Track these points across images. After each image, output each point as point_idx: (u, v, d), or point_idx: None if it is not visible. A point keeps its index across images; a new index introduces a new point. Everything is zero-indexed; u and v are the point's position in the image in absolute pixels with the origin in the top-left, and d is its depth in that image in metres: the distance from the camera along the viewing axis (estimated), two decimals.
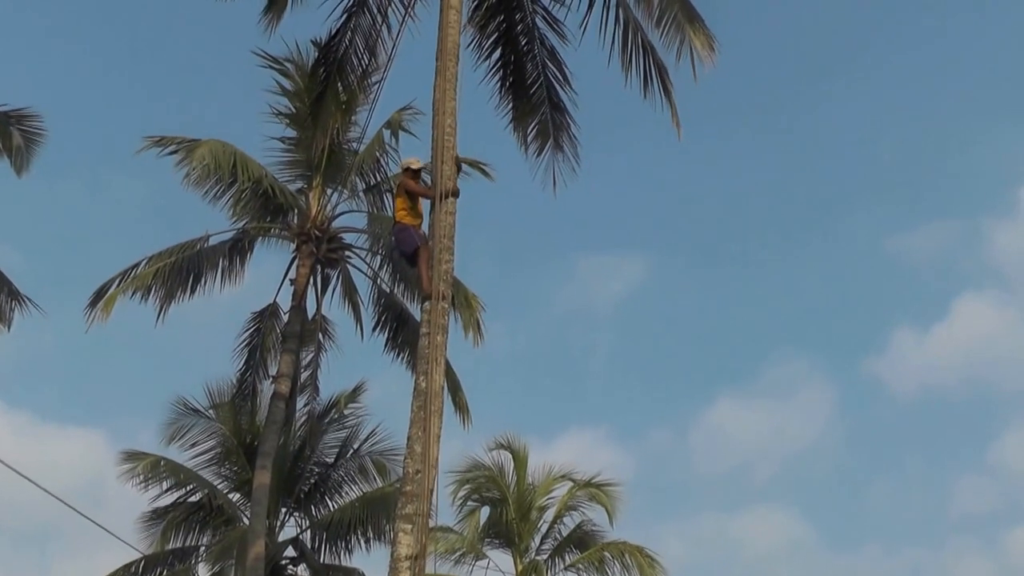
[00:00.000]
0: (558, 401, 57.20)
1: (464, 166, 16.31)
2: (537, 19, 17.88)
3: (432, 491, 12.19)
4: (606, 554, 29.28)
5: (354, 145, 24.77)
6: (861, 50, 63.04)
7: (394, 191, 17.51)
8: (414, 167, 14.75)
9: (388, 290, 24.72)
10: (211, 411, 26.36)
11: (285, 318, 24.12)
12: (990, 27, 60.10)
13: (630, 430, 61.74)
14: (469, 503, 30.32)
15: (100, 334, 22.70)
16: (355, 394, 27.09)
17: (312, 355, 25.12)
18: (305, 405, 25.52)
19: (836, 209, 62.03)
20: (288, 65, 24.81)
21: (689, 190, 62.58)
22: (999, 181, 61.74)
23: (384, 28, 17.61)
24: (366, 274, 24.92)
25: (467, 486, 30.15)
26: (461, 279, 23.21)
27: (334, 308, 25.32)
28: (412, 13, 17.45)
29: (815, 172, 62.93)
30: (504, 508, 29.83)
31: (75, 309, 22.78)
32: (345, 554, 25.79)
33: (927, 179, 61.24)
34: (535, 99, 17.99)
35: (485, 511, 30.44)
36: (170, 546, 25.50)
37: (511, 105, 18.13)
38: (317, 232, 24.03)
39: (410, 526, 11.93)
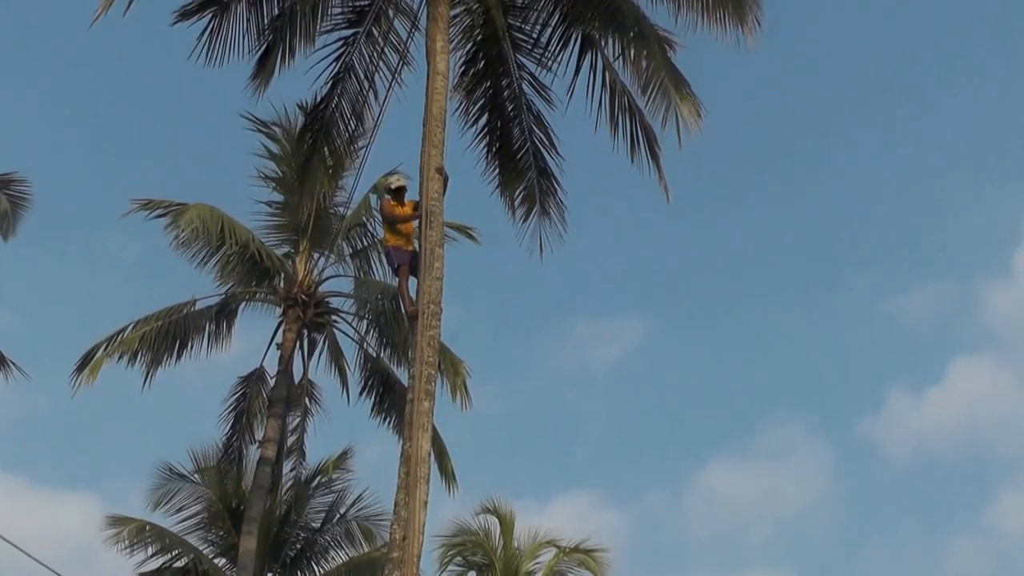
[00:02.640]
0: (553, 464, 56.82)
1: (450, 231, 16.39)
2: (524, 85, 17.80)
3: (418, 557, 12.14)
4: None
5: (341, 209, 24.91)
6: (854, 112, 63.27)
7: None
8: (392, 186, 14.82)
9: (375, 354, 24.70)
10: (197, 476, 26.19)
11: (272, 382, 24.10)
12: (985, 89, 60.55)
13: (625, 492, 61.20)
14: (455, 567, 30.10)
15: (93, 396, 22.58)
16: (342, 459, 26.92)
17: (299, 420, 25.12)
18: (291, 470, 25.46)
19: (831, 271, 62.00)
20: (276, 129, 24.99)
21: (685, 252, 62.61)
22: (994, 243, 61.79)
23: (371, 93, 17.60)
24: (352, 339, 24.97)
25: (453, 551, 29.94)
26: (448, 344, 23.24)
27: (320, 373, 25.35)
28: (399, 79, 17.48)
29: (810, 234, 62.92)
30: (491, 573, 29.59)
31: (68, 372, 22.74)
32: None
33: (922, 241, 61.28)
34: (522, 164, 17.95)
35: None
36: None
37: (498, 171, 18.07)
38: (304, 296, 24.06)
39: None
